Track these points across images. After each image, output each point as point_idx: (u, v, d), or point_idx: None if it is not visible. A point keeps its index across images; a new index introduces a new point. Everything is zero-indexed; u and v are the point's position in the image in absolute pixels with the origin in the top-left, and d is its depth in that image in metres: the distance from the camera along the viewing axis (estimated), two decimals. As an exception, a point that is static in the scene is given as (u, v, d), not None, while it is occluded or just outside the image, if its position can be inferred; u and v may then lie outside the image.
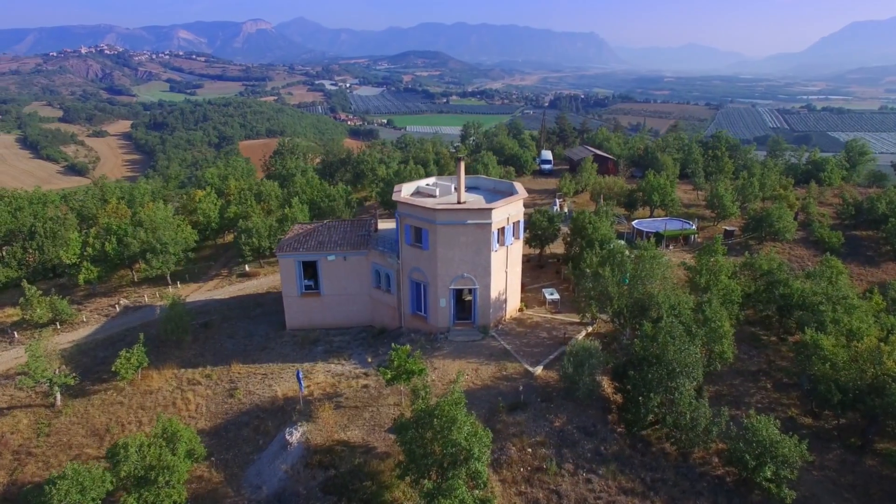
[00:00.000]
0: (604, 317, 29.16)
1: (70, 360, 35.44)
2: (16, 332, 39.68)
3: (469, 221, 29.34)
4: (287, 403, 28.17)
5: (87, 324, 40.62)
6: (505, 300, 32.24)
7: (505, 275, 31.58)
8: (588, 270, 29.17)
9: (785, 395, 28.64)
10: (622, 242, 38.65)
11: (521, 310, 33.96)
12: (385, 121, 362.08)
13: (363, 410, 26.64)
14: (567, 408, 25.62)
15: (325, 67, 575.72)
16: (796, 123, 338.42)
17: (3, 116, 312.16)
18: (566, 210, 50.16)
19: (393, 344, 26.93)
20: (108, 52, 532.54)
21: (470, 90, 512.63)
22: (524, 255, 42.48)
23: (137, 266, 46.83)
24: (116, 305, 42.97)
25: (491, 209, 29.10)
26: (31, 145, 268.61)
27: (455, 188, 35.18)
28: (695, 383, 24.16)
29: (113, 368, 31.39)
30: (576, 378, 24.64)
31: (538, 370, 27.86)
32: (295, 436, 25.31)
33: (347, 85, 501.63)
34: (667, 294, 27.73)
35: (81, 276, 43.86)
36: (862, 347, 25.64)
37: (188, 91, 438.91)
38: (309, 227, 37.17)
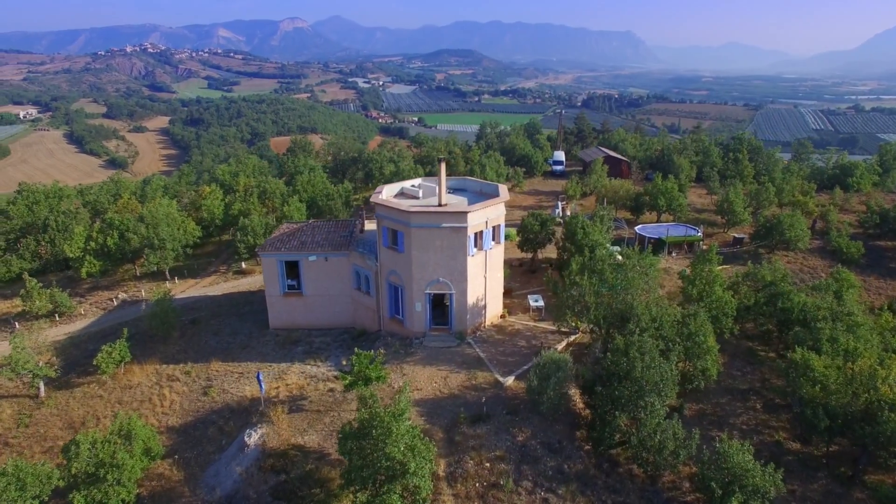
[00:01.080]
0: (581, 326, 27.82)
1: (61, 352, 35.96)
2: (17, 323, 40.59)
3: (444, 225, 28.41)
4: (252, 404, 27.82)
5: (84, 316, 41.29)
6: (484, 306, 31.21)
7: (484, 280, 30.54)
8: (569, 278, 27.86)
9: (774, 416, 26.82)
10: (615, 249, 37.13)
11: (503, 316, 32.86)
12: (416, 119, 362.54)
13: (324, 415, 26.06)
14: (533, 422, 24.48)
15: (359, 65, 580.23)
16: (842, 125, 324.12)
17: (53, 113, 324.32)
18: (569, 213, 48.60)
19: (356, 348, 26.25)
20: (151, 50, 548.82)
21: (502, 89, 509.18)
22: (516, 260, 41.42)
23: (140, 261, 47.47)
24: (114, 299, 43.58)
25: (466, 212, 28.10)
26: (76, 140, 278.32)
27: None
28: (667, 402, 22.73)
29: (94, 362, 31.67)
30: (540, 391, 23.48)
31: (509, 381, 26.78)
32: (253, 438, 24.90)
33: (380, 83, 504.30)
34: (648, 305, 26.25)
35: (84, 270, 44.63)
36: (856, 370, 23.71)
37: (225, 88, 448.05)
38: (295, 226, 36.81)
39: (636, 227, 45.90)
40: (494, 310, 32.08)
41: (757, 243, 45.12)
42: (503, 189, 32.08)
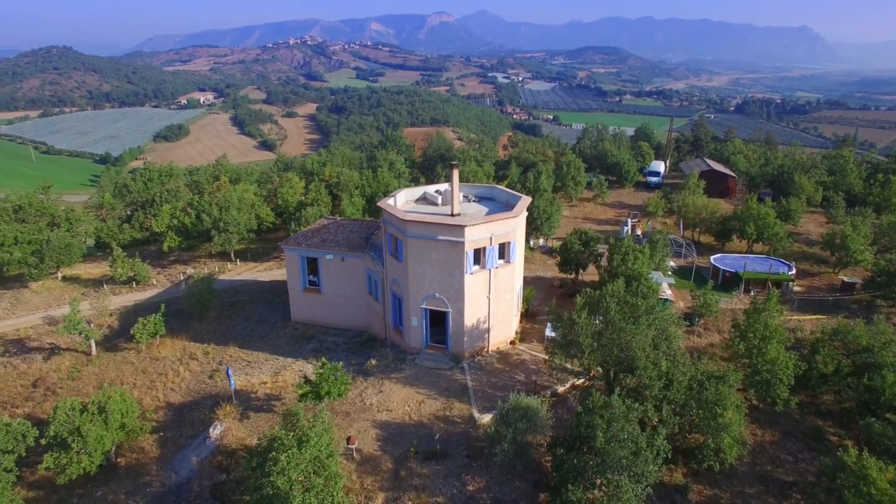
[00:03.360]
0: (569, 367, 23.90)
1: (123, 317, 39.15)
2: (105, 285, 45.14)
3: (440, 237, 26.00)
4: (229, 398, 27.84)
5: (155, 287, 44.76)
6: (487, 329, 28.30)
7: (487, 301, 27.63)
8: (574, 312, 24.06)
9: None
10: (664, 280, 31.94)
11: (513, 342, 29.64)
12: (551, 116, 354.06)
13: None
14: (492, 472, 21.45)
15: (501, 60, 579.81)
16: None
17: (225, 99, 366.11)
18: (639, 233, 43.16)
19: (322, 358, 25.00)
20: (310, 42, 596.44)
21: (647, 90, 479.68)
22: (558, 279, 37.56)
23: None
24: (182, 274, 46.80)
25: (463, 226, 25.41)
26: (239, 122, 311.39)
27: (464, 197, 31.88)
28: (647, 483, 18.45)
29: (131, 332, 34.04)
30: (496, 440, 20.43)
31: (484, 419, 23.85)
32: (215, 432, 24.79)
33: (519, 79, 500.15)
34: (656, 357, 21.80)
35: (165, 244, 48.50)
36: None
37: (371, 78, 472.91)
38: (325, 222, 36.47)
39: (713, 257, 39.41)
40: (501, 334, 29.01)
41: (871, 293, 36.50)
42: (522, 203, 28.73)
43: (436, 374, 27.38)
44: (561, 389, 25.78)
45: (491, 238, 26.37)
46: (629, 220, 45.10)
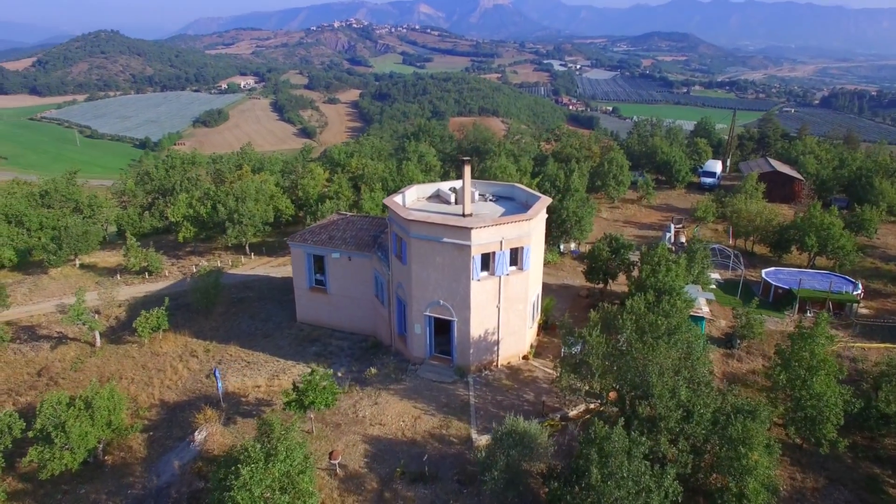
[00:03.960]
0: (578, 389, 22.79)
1: (131, 308, 40.36)
2: (118, 275, 46.76)
3: (445, 239, 25.41)
4: (224, 399, 28.12)
5: (167, 278, 46.01)
6: (497, 342, 27.54)
7: (497, 311, 26.87)
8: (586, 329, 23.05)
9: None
10: (701, 296, 30.34)
11: (525, 357, 28.76)
12: (610, 108, 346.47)
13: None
14: (483, 500, 20.77)
15: (557, 46, 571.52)
16: None
17: (265, 83, 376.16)
18: (683, 240, 41.27)
19: (313, 365, 24.84)
20: (355, 25, 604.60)
21: (719, 80, 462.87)
22: (585, 289, 36.38)
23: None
24: (195, 266, 47.94)
25: (470, 228, 24.73)
26: (279, 108, 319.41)
27: (480, 195, 31.20)
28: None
29: (133, 325, 35.03)
30: (486, 467, 19.72)
31: (483, 440, 23.16)
32: (199, 436, 25.07)
33: (577, 66, 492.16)
34: (674, 384, 20.54)
35: (181, 234, 49.84)
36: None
37: (418, 64, 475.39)
38: (335, 217, 36.47)
39: (765, 270, 37.23)
40: (513, 348, 28.18)
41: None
42: (539, 205, 27.77)
43: (437, 388, 26.85)
44: (572, 413, 24.78)
45: (501, 242, 25.58)
46: (672, 226, 43.18)
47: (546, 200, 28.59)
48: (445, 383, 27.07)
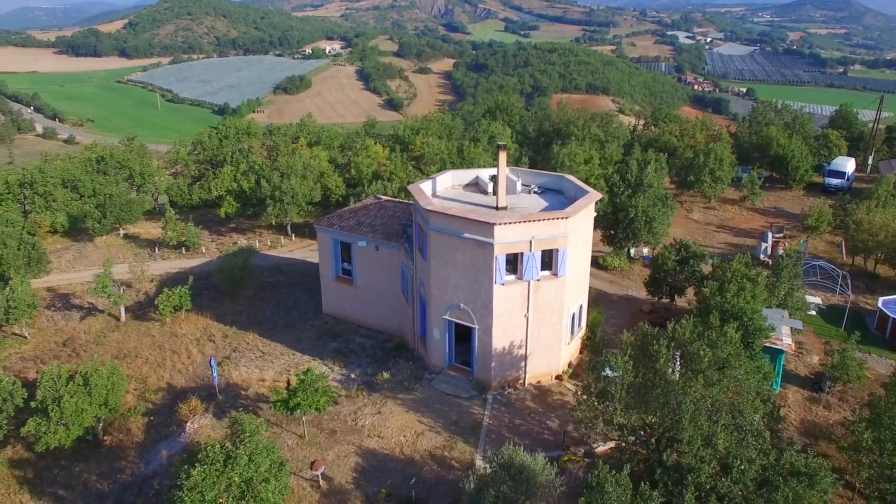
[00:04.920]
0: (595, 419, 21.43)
1: (163, 284, 42.88)
2: (157, 249, 49.84)
3: (466, 235, 24.76)
4: (224, 390, 29.14)
5: (203, 255, 48.47)
6: (523, 357, 26.63)
7: (525, 321, 25.96)
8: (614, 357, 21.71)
9: None
10: (782, 321, 27.80)
11: (559, 377, 27.63)
12: (744, 90, 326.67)
13: (267, 428, 25.71)
14: (472, 537, 20.18)
15: (685, 16, 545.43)
16: None
17: (352, 49, 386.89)
18: (782, 252, 37.98)
19: (309, 364, 25.11)
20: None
21: (888, 58, 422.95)
22: (647, 304, 34.52)
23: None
24: (233, 244, 50.09)
25: (493, 224, 23.94)
26: (364, 77, 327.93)
27: (524, 186, 30.29)
28: None
29: (155, 302, 37.19)
30: (475, 501, 19.09)
31: (487, 468, 22.52)
32: (190, 428, 26.17)
33: (708, 40, 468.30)
34: (713, 430, 18.90)
35: (223, 209, 52.20)
36: None
37: (522, 32, 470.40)
38: (370, 201, 36.72)
39: (883, 299, 33.58)
40: (544, 365, 27.13)
41: None
42: (582, 201, 26.40)
43: (450, 403, 26.42)
44: (600, 449, 23.54)
45: (531, 242, 24.59)
46: (770, 235, 39.85)
47: (593, 196, 27.19)
48: (461, 398, 26.57)
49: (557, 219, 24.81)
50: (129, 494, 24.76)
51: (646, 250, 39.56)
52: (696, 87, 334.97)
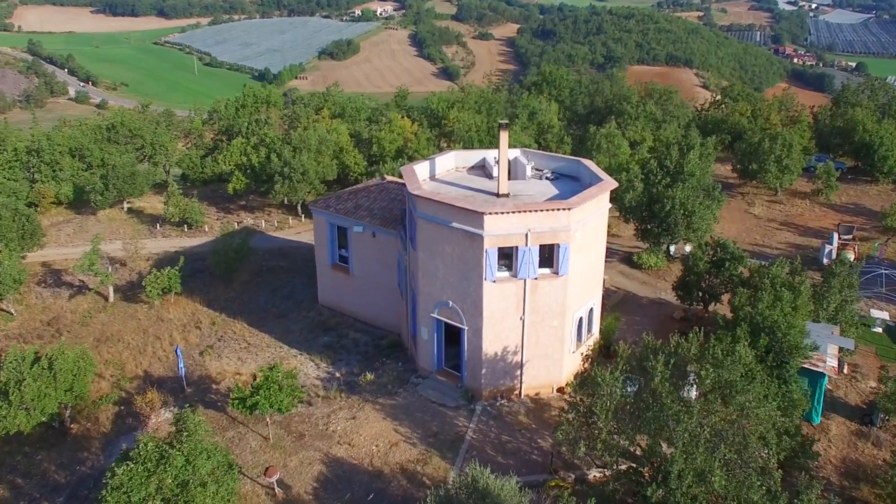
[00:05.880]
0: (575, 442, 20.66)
1: (160, 263, 43.90)
2: (159, 225, 51.21)
3: (455, 224, 24.26)
4: (196, 383, 29.64)
5: (206, 234, 49.50)
6: (519, 365, 26.05)
7: (520, 324, 25.35)
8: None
9: None
10: (829, 338, 26.28)
11: (561, 389, 26.92)
12: (853, 64, 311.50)
13: (231, 428, 26.10)
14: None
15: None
16: None
17: (406, 11, 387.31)
18: (851, 258, 35.96)
19: (295, 357, 25.30)
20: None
21: None
22: (679, 311, 33.35)
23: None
24: (238, 224, 50.93)
25: (482, 213, 23.34)
26: (418, 42, 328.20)
27: (535, 170, 29.58)
28: None
29: (143, 283, 38.16)
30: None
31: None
32: (153, 423, 26.81)
33: (812, 6, 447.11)
34: (709, 463, 17.99)
35: (231, 185, 53.07)
36: None
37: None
38: (374, 181, 36.60)
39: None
40: (543, 376, 26.46)
41: None
42: (592, 191, 25.45)
43: (433, 412, 26.14)
44: (593, 475, 22.84)
45: (527, 235, 23.90)
46: (835, 236, 37.67)
47: (607, 185, 26.21)
48: (446, 407, 26.28)
49: (558, 210, 24.00)
50: (84, 488, 25.51)
51: (688, 248, 38.08)
52: (795, 60, 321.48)
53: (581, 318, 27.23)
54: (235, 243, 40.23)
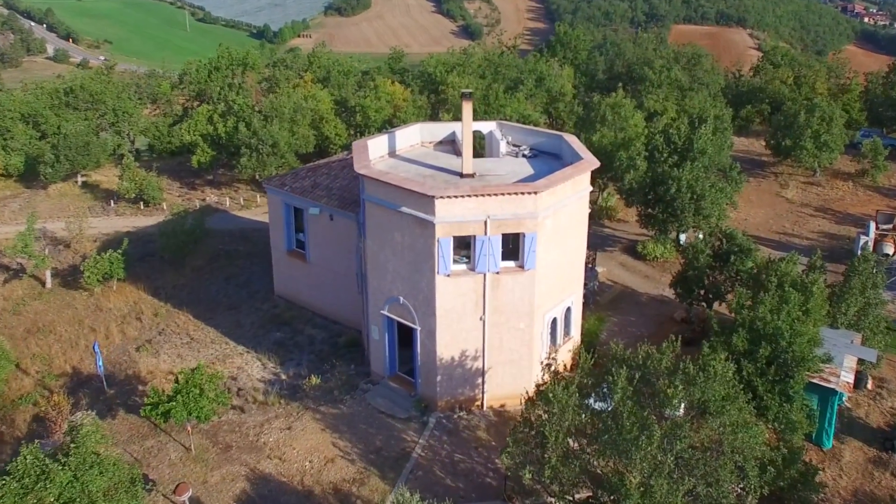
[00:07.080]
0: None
1: (108, 245, 43.58)
2: (112, 202, 50.90)
3: (404, 209, 23.31)
4: (120, 383, 29.21)
5: (164, 212, 49.01)
6: (480, 371, 25.18)
7: (480, 325, 24.44)
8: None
9: None
10: (847, 349, 25.08)
11: (532, 400, 26.02)
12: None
13: (152, 437, 25.58)
14: None
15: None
16: None
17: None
18: (890, 251, 34.54)
19: (201, 360, 24.62)
20: None
21: None
22: (681, 310, 32.27)
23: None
24: (199, 202, 50.44)
25: (433, 197, 22.35)
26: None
27: (511, 146, 28.59)
28: None
29: (81, 268, 37.80)
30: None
31: (393, 514, 21.49)
32: (63, 429, 26.35)
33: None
34: (672, 496, 17.06)
35: (195, 158, 52.46)
36: None
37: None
38: (337, 157, 35.83)
39: None
40: (510, 384, 25.42)
41: None
42: (567, 171, 24.34)
43: (380, 423, 25.41)
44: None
45: (486, 223, 22.89)
46: (872, 225, 36.15)
47: (588, 164, 25.04)
48: (396, 418, 25.54)
49: (523, 193, 22.93)
50: (-12, 500, 25.18)
51: (700, 236, 36.92)
52: (866, 19, 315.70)
53: (555, 319, 26.24)
54: (188, 224, 39.64)
